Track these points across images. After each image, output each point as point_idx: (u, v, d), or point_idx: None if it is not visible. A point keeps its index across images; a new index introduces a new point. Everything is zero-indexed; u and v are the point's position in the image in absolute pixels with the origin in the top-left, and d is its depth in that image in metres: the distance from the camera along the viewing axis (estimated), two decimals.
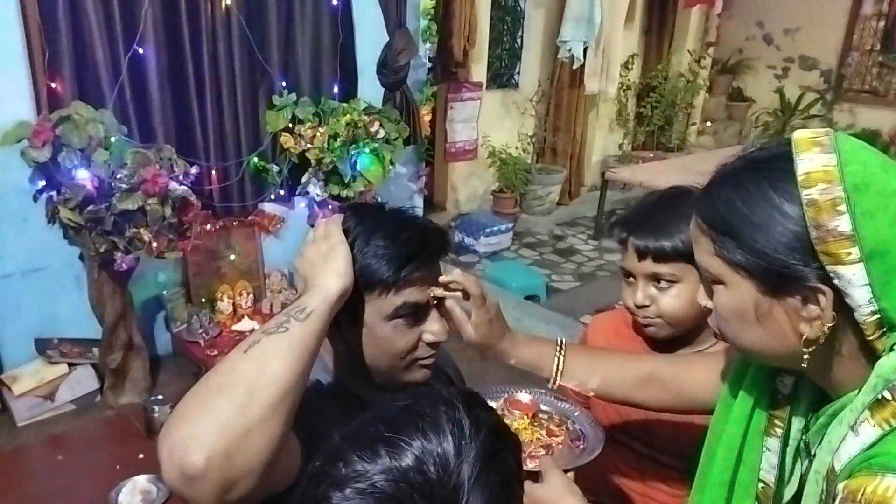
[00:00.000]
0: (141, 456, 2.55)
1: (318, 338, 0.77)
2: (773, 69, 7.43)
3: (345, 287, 0.83)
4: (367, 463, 0.55)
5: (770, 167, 0.69)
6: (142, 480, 2.39)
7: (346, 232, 0.89)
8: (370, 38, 3.49)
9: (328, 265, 0.84)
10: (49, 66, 2.64)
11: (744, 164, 0.73)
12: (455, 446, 0.56)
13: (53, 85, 2.65)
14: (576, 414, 1.06)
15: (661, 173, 5.02)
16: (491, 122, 5.21)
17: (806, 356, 0.70)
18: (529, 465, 0.89)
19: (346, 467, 0.56)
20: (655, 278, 1.15)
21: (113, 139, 2.55)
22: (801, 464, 0.81)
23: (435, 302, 0.94)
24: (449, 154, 4.97)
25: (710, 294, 0.77)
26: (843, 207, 0.64)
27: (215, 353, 3.02)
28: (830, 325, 0.67)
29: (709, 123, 7.44)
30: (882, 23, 6.62)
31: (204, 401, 0.68)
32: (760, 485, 0.82)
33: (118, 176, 2.49)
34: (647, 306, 1.17)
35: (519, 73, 5.49)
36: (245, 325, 3.25)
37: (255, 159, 3.29)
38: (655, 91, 6.23)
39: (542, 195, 5.44)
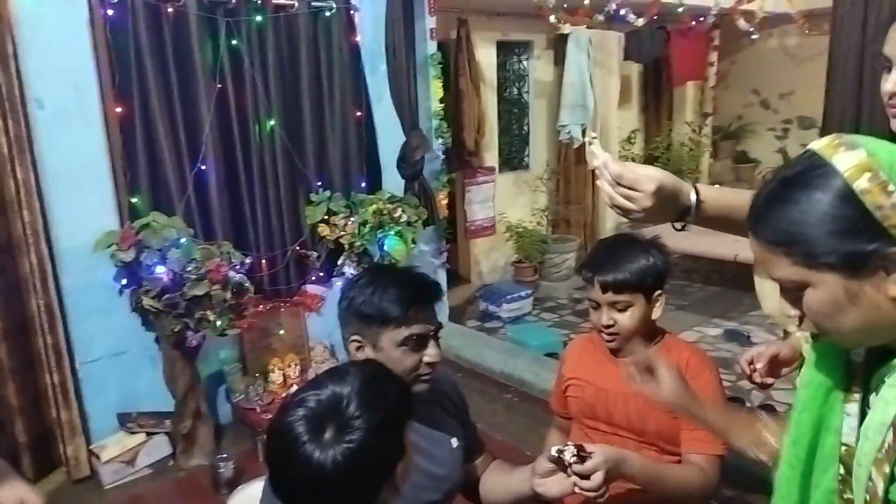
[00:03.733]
0: None
1: None
2: (774, 131, 7.88)
3: None
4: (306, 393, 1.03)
5: (806, 177, 0.80)
6: None
7: (367, 284, 1.32)
8: (390, 138, 4.09)
9: None
10: (130, 184, 3.25)
11: (780, 184, 0.82)
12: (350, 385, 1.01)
13: (134, 200, 3.26)
14: None
15: (672, 234, 5.41)
16: (506, 201, 5.74)
17: None
18: None
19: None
20: (615, 305, 1.57)
21: (183, 240, 3.12)
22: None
23: (432, 334, 1.34)
24: (469, 232, 5.48)
25: (796, 303, 0.84)
26: (891, 187, 0.75)
27: (269, 416, 3.45)
28: None
29: (717, 186, 7.83)
30: None
31: None
32: (843, 448, 0.88)
33: (188, 269, 3.03)
34: (612, 325, 1.59)
35: (528, 155, 6.06)
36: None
37: (297, 248, 3.83)
38: (658, 160, 6.71)
39: (558, 263, 5.87)
